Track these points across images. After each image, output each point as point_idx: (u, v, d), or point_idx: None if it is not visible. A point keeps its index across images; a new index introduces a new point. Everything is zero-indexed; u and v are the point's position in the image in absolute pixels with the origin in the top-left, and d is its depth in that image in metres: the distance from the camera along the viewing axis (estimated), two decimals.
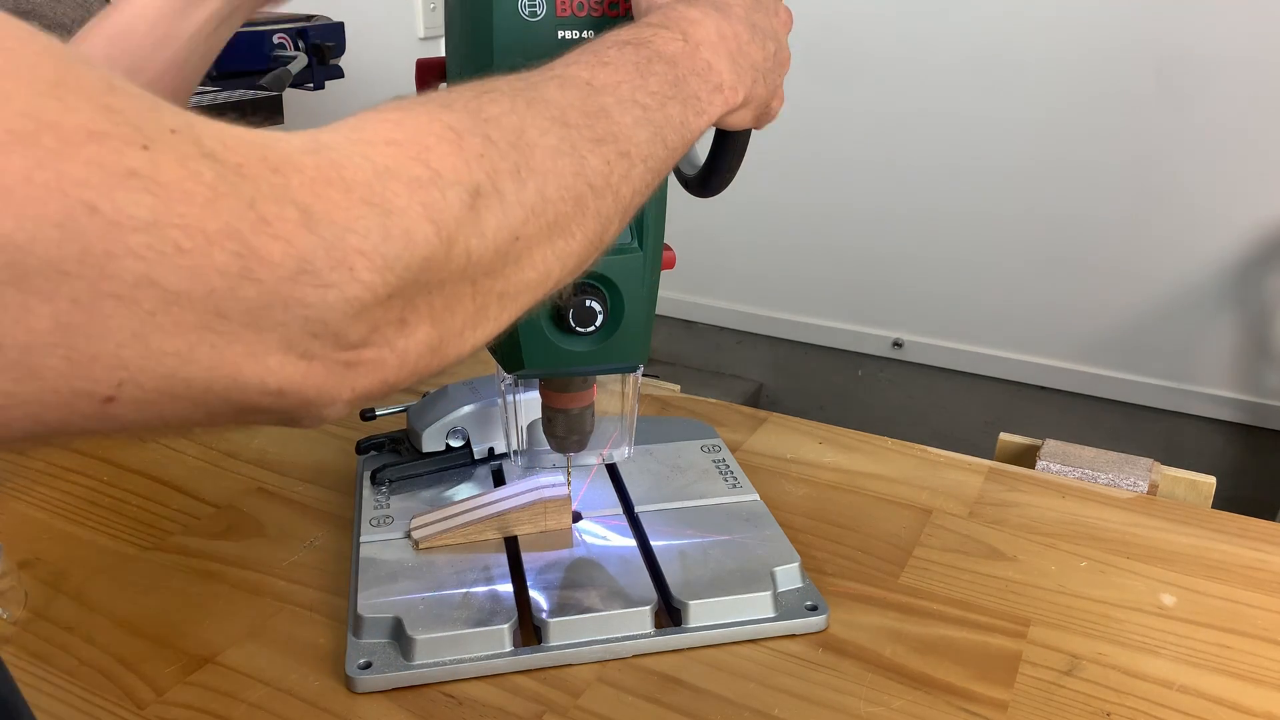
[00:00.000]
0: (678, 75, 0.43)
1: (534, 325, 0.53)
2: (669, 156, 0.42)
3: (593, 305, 0.52)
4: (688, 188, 0.65)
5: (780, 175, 2.02)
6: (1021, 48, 1.77)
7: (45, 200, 0.22)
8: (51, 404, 0.24)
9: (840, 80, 1.93)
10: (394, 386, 0.31)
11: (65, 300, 0.23)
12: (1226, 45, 1.63)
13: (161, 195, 0.24)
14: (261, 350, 0.26)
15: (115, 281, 0.23)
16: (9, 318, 0.22)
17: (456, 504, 0.69)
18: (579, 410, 0.62)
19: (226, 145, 0.26)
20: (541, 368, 0.55)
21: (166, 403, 0.26)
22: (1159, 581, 0.68)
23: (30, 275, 0.22)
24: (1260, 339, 1.76)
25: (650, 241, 0.54)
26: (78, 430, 0.25)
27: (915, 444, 0.86)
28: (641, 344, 0.56)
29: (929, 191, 1.92)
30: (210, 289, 0.25)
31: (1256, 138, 1.65)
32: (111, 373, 0.24)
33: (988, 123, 1.83)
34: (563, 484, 0.69)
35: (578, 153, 0.36)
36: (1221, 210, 1.71)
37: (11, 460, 0.84)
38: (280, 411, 0.29)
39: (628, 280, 0.53)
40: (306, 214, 0.27)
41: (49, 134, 0.22)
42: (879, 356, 2.10)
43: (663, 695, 0.57)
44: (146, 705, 0.56)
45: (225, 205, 0.25)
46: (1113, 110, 1.73)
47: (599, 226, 0.38)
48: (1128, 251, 1.80)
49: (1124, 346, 1.86)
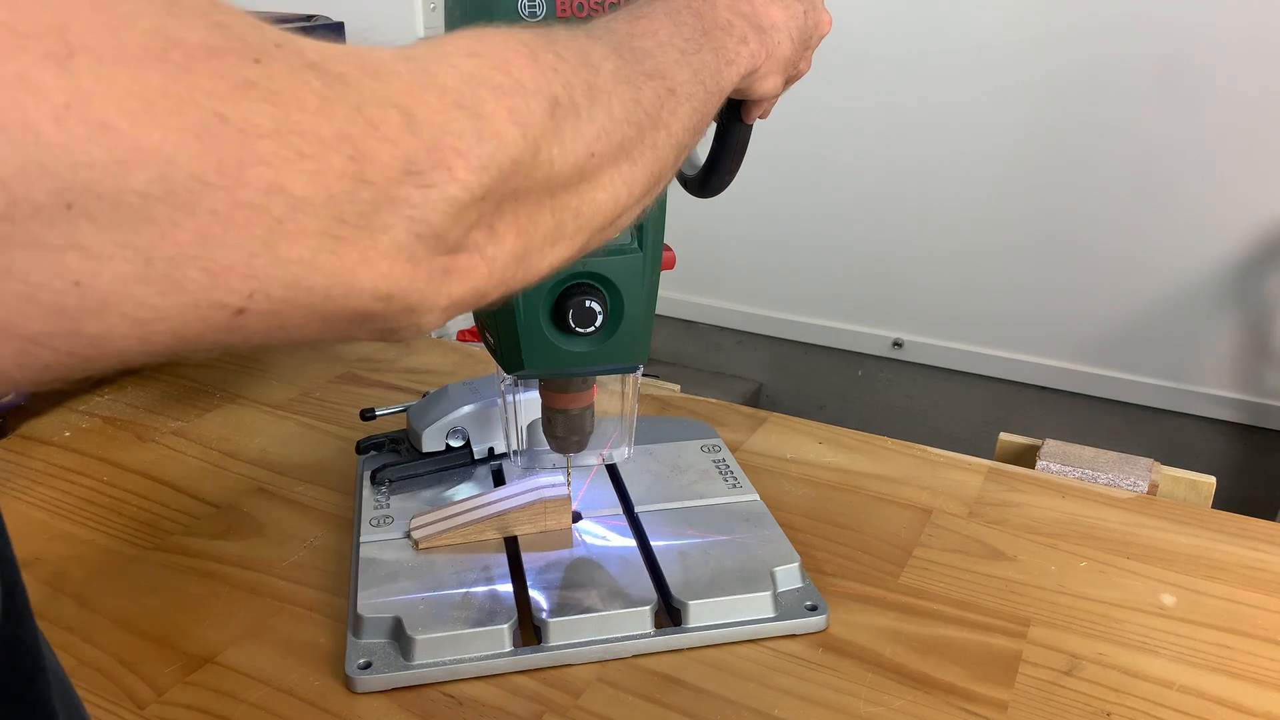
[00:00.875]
0: (704, 27, 0.45)
1: (534, 325, 0.53)
2: (708, 100, 0.44)
3: (592, 306, 0.52)
4: (687, 188, 0.65)
5: (780, 175, 2.02)
6: (1021, 48, 1.77)
7: (183, 112, 0.22)
8: (191, 317, 0.24)
9: (840, 79, 1.93)
10: (485, 296, 0.33)
11: (205, 212, 0.23)
12: (1226, 45, 1.63)
13: (279, 103, 0.25)
14: (374, 254, 0.27)
15: (248, 190, 0.24)
16: (157, 232, 0.23)
17: (456, 504, 0.69)
18: (579, 411, 0.62)
19: (327, 56, 0.27)
20: (541, 368, 0.55)
21: (289, 312, 0.27)
22: (1159, 581, 0.68)
23: (177, 188, 0.23)
24: (1260, 339, 1.76)
25: (650, 241, 0.54)
26: (210, 344, 0.26)
27: (915, 444, 0.86)
28: (641, 344, 0.56)
29: (929, 191, 1.92)
30: (330, 194, 0.25)
31: (1256, 138, 1.65)
32: (244, 282, 0.25)
33: (988, 122, 1.83)
34: (563, 484, 0.69)
35: (633, 83, 0.38)
36: (1221, 210, 1.71)
37: (11, 460, 0.84)
38: (386, 319, 0.30)
39: (628, 280, 0.53)
40: (408, 116, 0.28)
41: (175, 49, 0.23)
42: (879, 356, 2.10)
43: (662, 695, 0.57)
44: (146, 705, 0.56)
45: (336, 111, 0.26)
46: (1113, 110, 1.73)
47: (657, 159, 0.39)
48: (1128, 251, 1.80)
49: (1124, 346, 1.86)
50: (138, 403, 0.95)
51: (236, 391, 0.97)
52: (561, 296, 0.53)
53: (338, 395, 0.96)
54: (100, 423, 0.91)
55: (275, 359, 1.06)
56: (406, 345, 1.09)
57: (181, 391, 0.97)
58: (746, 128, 0.56)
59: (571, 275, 0.52)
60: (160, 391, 0.97)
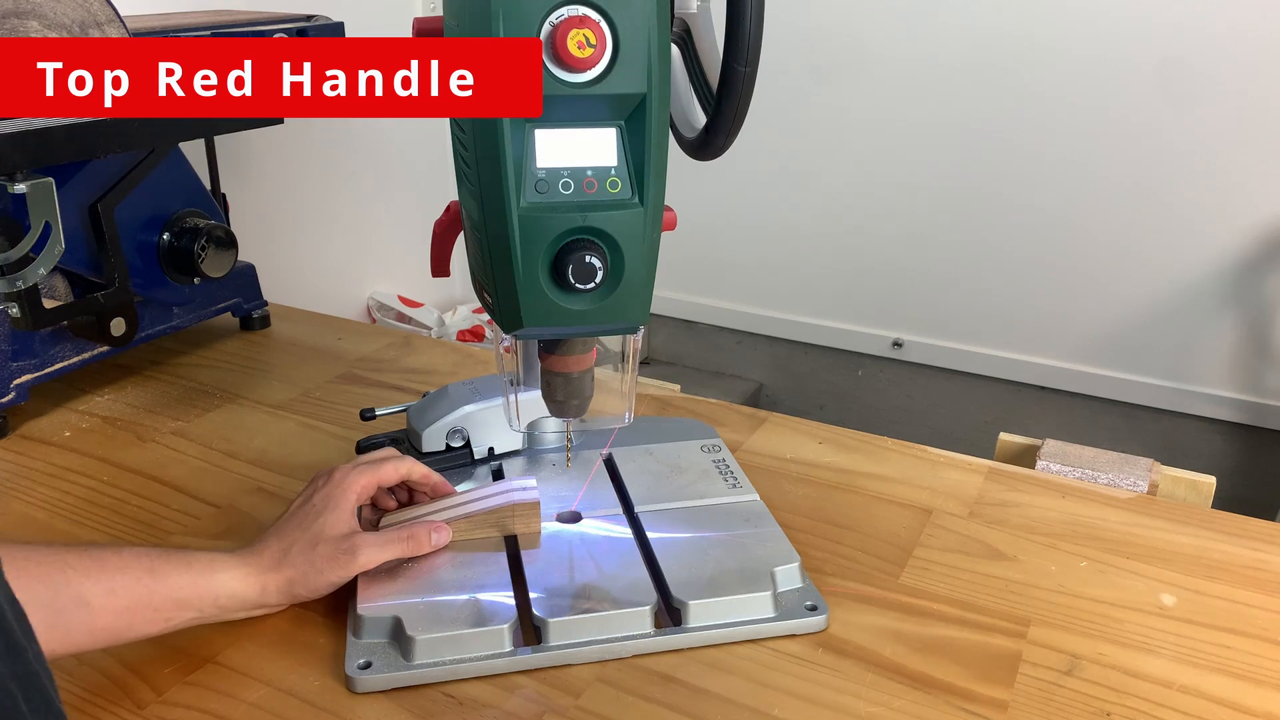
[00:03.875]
0: None
1: (533, 282, 0.52)
2: None
3: (593, 261, 0.51)
4: (687, 150, 0.63)
5: (780, 175, 2.02)
6: (1021, 48, 1.77)
7: None
8: None
9: (840, 80, 1.93)
10: None
11: None
12: (1226, 45, 1.63)
13: None
14: None
15: None
16: None
17: (425, 505, 0.68)
18: (579, 374, 0.60)
19: None
20: (541, 326, 0.54)
21: None
22: (1159, 581, 0.68)
23: None
24: (1260, 339, 1.76)
25: (651, 196, 0.52)
26: None
27: (915, 444, 0.86)
28: (642, 303, 0.55)
29: (929, 191, 1.92)
30: None
31: (1256, 138, 1.65)
32: None
33: (987, 123, 1.83)
34: (534, 488, 0.68)
35: None
36: (1221, 210, 1.71)
37: (12, 460, 0.84)
38: None
39: (628, 236, 0.52)
40: None
41: None
42: (879, 356, 2.10)
43: (662, 695, 0.57)
44: (146, 705, 0.56)
45: None
46: (1112, 110, 1.73)
47: None
48: (1128, 251, 1.80)
49: (1124, 346, 1.86)
50: (138, 403, 0.95)
51: (236, 391, 0.97)
52: (561, 252, 0.51)
53: (338, 395, 0.96)
54: (100, 423, 0.91)
55: (275, 359, 1.06)
56: (406, 345, 1.09)
57: (181, 391, 0.97)
58: (748, 74, 0.54)
59: (571, 230, 0.51)
60: (160, 391, 0.97)
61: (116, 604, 0.55)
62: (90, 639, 0.55)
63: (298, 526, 0.63)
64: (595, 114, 0.50)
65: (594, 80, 0.48)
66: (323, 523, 0.62)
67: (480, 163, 0.50)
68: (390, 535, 0.64)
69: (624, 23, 0.48)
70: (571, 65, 0.48)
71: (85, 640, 0.54)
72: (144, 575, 0.56)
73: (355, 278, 1.82)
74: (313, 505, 0.63)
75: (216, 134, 1.11)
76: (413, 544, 0.64)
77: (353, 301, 1.82)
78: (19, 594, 0.45)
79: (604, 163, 0.51)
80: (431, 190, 1.88)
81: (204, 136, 1.10)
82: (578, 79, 0.48)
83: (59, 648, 0.53)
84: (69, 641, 0.54)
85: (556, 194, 0.51)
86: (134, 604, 0.55)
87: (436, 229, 0.63)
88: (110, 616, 0.55)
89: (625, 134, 0.51)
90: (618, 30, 0.48)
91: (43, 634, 0.51)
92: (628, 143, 0.51)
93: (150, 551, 0.58)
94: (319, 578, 0.61)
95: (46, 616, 0.52)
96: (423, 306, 1.83)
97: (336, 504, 0.63)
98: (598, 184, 0.51)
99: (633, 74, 0.49)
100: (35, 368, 0.91)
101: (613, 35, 0.48)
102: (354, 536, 0.63)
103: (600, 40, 0.47)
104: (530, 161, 0.50)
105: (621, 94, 0.49)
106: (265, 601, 0.61)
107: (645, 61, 0.49)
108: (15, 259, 0.77)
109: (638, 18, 0.48)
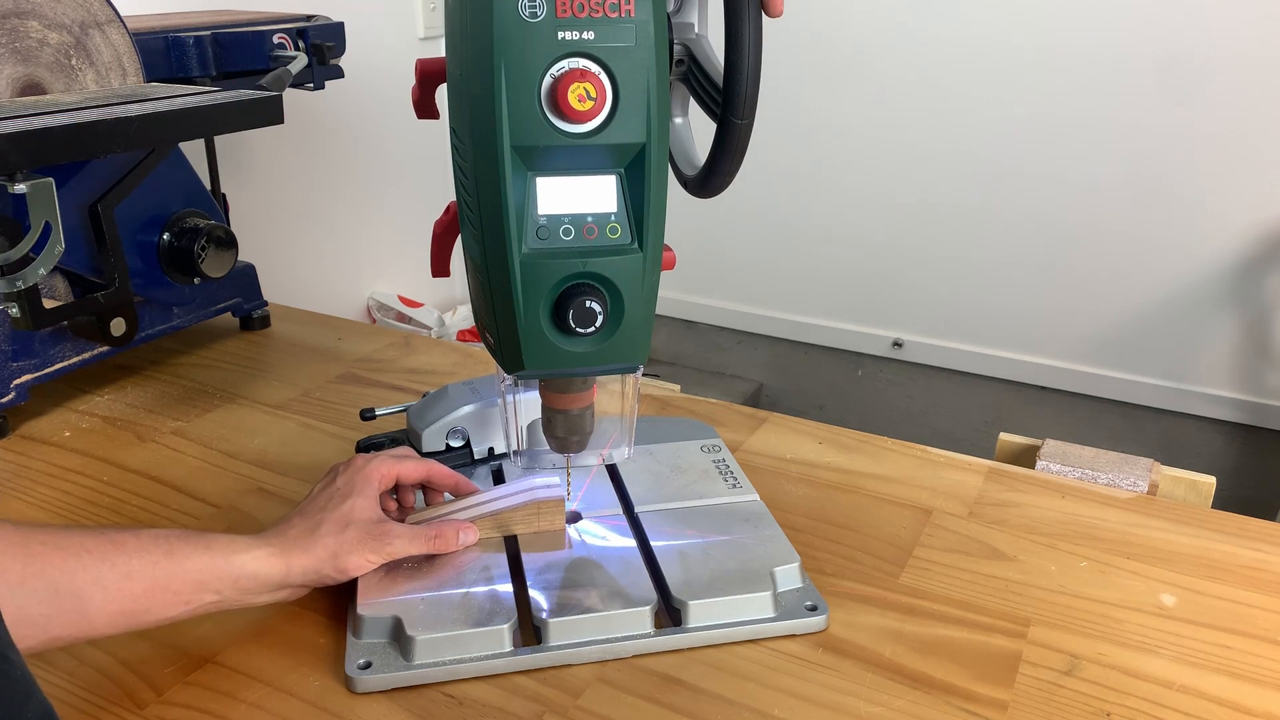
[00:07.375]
0: None
1: (534, 326, 0.53)
2: None
3: (593, 306, 0.52)
4: (687, 188, 0.65)
5: (780, 175, 2.02)
6: (1021, 48, 1.77)
7: None
8: None
9: (840, 80, 1.93)
10: None
11: None
12: (1226, 45, 1.63)
13: None
14: None
15: None
16: None
17: (450, 503, 0.69)
18: (579, 411, 0.62)
19: None
20: (541, 368, 0.55)
21: None
22: (1159, 581, 0.68)
23: None
24: (1260, 339, 1.76)
25: (650, 241, 0.54)
26: None
27: (915, 444, 0.86)
28: (641, 344, 0.56)
29: (929, 191, 1.92)
30: None
31: (1256, 138, 1.65)
32: None
33: (987, 122, 1.83)
34: (558, 485, 0.69)
35: None
36: (1221, 210, 1.71)
37: (12, 460, 0.84)
38: None
39: (628, 281, 0.53)
40: None
41: None
42: (879, 356, 2.10)
43: (662, 695, 0.57)
44: (146, 705, 0.56)
45: None
46: (1112, 110, 1.73)
47: None
48: (1128, 251, 1.80)
49: (1124, 346, 1.86)
50: (138, 403, 0.95)
51: (236, 391, 0.97)
52: (562, 297, 0.53)
53: (338, 395, 0.96)
54: (100, 423, 0.91)
55: (275, 359, 1.06)
56: (406, 345, 1.09)
57: (181, 391, 0.97)
58: (745, 126, 0.56)
59: (572, 275, 0.53)
60: (160, 391, 0.97)
61: (134, 588, 0.54)
62: (108, 623, 0.54)
63: (323, 508, 0.62)
64: (596, 162, 0.51)
65: (594, 131, 0.50)
66: (351, 505, 0.62)
67: (483, 208, 0.51)
68: (420, 530, 0.64)
69: (624, 75, 0.49)
70: (572, 117, 0.49)
71: (103, 624, 0.54)
72: (161, 558, 0.55)
73: (355, 278, 1.82)
74: (337, 488, 0.63)
75: (216, 134, 1.11)
76: (440, 542, 0.64)
77: (353, 301, 1.82)
78: (33, 578, 0.45)
79: (604, 209, 0.52)
80: (431, 190, 1.88)
81: (204, 136, 1.10)
82: (578, 129, 0.49)
83: (76, 632, 0.53)
84: (86, 626, 0.53)
85: (558, 240, 0.52)
86: (151, 587, 0.55)
87: (436, 229, 0.64)
88: (127, 600, 0.54)
89: (625, 181, 0.52)
90: (618, 83, 0.49)
91: (59, 619, 0.51)
92: (628, 189, 0.52)
93: (169, 534, 0.57)
94: (348, 558, 0.61)
95: (62, 601, 0.51)
96: (423, 306, 1.84)
97: (362, 489, 0.63)
98: (598, 230, 0.52)
99: (632, 125, 0.50)
100: (35, 368, 0.91)
101: (613, 87, 0.49)
102: (386, 523, 0.63)
103: (600, 93, 0.49)
104: (532, 208, 0.51)
105: (621, 144, 0.50)
106: (289, 582, 0.60)
107: (644, 112, 0.50)
108: (15, 259, 0.77)
109: (637, 71, 0.49)
